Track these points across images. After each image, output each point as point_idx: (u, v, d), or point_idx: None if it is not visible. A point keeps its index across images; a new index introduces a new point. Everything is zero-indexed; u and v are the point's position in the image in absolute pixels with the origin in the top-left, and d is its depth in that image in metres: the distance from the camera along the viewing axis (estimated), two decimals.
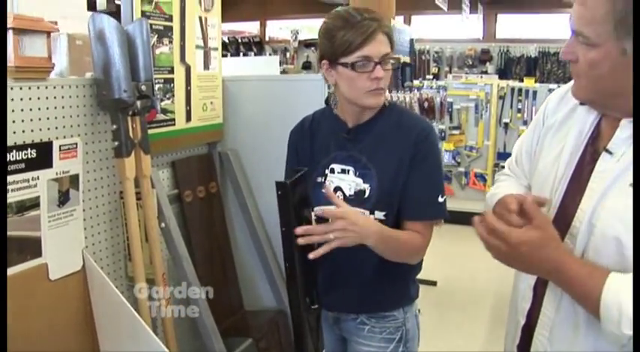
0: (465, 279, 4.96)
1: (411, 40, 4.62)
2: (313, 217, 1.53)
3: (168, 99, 1.97)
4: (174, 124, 2.04)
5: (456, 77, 7.51)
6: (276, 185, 1.42)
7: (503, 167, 1.62)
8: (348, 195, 1.65)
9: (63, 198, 1.63)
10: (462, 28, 10.22)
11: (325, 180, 1.68)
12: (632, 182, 1.13)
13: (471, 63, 10.05)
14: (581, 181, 1.24)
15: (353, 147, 1.67)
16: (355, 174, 1.66)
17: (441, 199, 1.64)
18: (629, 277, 1.08)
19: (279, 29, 12.10)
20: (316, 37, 1.65)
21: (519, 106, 6.46)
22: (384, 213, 1.62)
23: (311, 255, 1.43)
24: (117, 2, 2.34)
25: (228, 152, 2.37)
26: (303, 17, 12.67)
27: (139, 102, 1.74)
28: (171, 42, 1.98)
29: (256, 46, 11.83)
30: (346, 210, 1.46)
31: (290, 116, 2.38)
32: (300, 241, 1.40)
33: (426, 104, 4.56)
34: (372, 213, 1.62)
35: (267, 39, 12.07)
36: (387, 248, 1.57)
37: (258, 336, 2.14)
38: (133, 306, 1.67)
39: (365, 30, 1.55)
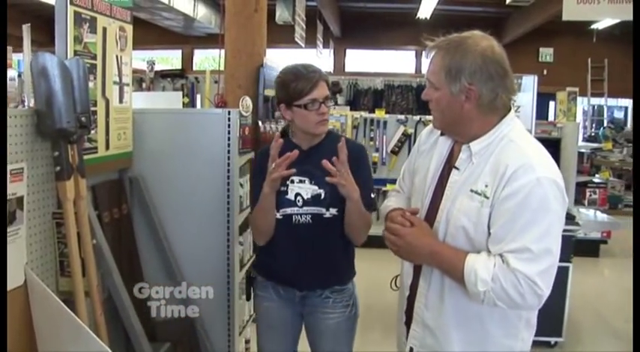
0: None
1: None
2: None
3: (93, 129, 2.18)
4: (96, 152, 2.24)
5: None
6: None
7: None
8: (305, 198, 2.22)
9: (11, 218, 1.78)
10: (313, 61, 10.86)
11: (287, 188, 2.22)
12: (472, 188, 1.65)
13: None
14: (441, 190, 1.75)
15: (308, 163, 2.17)
16: (311, 183, 2.23)
17: (373, 195, 2.27)
18: (479, 255, 1.61)
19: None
20: (173, 68, 2.02)
21: (372, 135, 7.09)
22: (336, 209, 2.20)
23: None
24: None
25: (138, 177, 2.60)
26: (156, 48, 12.74)
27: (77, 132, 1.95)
28: (95, 78, 2.19)
29: None
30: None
31: (190, 145, 2.70)
32: None
33: None
34: (327, 209, 2.21)
35: None
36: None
37: (175, 339, 2.38)
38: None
39: (310, 79, 2.18)
